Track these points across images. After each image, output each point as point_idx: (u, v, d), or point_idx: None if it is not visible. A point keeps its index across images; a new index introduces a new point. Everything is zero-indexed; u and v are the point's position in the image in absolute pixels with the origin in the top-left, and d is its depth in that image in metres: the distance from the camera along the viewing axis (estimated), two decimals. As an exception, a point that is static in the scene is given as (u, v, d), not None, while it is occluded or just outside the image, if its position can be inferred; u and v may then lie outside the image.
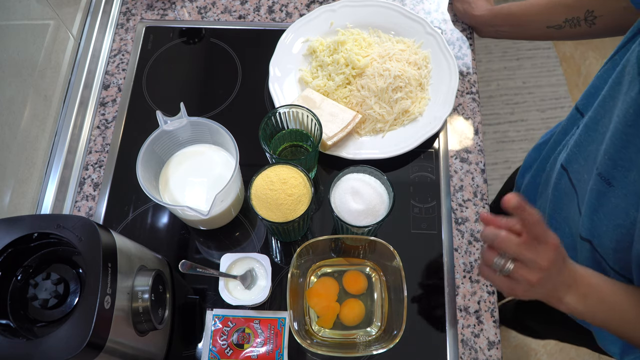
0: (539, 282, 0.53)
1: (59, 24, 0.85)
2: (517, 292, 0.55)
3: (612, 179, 0.55)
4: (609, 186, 0.56)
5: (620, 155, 0.53)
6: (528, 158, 0.88)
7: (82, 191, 0.81)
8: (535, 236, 0.52)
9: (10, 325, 0.49)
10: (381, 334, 0.68)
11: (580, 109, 0.67)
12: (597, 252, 0.62)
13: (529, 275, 0.53)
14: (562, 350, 1.60)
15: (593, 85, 0.64)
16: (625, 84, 0.53)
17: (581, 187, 0.63)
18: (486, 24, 0.89)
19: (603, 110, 0.58)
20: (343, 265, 0.73)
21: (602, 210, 0.58)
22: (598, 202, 0.58)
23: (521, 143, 1.89)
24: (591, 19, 0.74)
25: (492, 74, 2.03)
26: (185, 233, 0.78)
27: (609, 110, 0.57)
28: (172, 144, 0.73)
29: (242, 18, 0.96)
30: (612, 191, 0.56)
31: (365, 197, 0.67)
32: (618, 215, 0.56)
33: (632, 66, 0.51)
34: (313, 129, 0.75)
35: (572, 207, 0.66)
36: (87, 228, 0.50)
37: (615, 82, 0.55)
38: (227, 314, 0.71)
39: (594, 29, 0.75)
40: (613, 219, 0.57)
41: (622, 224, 0.55)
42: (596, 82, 0.63)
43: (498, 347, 0.71)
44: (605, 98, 0.57)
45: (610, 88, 0.56)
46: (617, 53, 0.59)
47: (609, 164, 0.55)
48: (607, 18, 0.73)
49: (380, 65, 0.82)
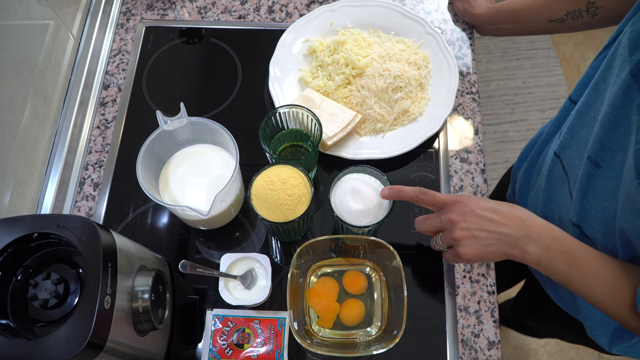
0: (465, 237, 0.60)
1: (59, 24, 0.85)
2: (462, 254, 0.61)
3: (601, 160, 0.56)
4: (597, 168, 0.56)
5: (609, 137, 0.54)
6: (522, 152, 0.89)
7: (82, 191, 0.81)
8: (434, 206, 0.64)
9: (10, 325, 0.49)
10: (381, 334, 0.68)
11: (573, 98, 0.67)
12: (586, 237, 0.62)
13: (453, 234, 0.61)
14: (562, 351, 1.60)
15: (586, 74, 0.64)
16: (616, 67, 0.53)
17: (573, 173, 0.63)
18: (487, 22, 0.88)
19: (595, 94, 0.58)
20: (343, 265, 0.73)
21: (591, 193, 0.59)
22: (587, 185, 0.59)
23: (521, 143, 1.89)
24: (593, 9, 0.74)
25: (492, 74, 2.04)
26: (185, 233, 0.78)
27: (600, 93, 0.57)
28: (172, 144, 0.73)
29: (242, 18, 0.96)
30: (600, 173, 0.56)
31: (365, 197, 0.67)
32: (605, 197, 0.56)
33: (624, 48, 0.51)
34: (313, 129, 0.75)
35: (563, 194, 0.67)
36: (87, 228, 0.50)
37: (607, 66, 0.55)
38: (227, 314, 0.71)
39: (597, 19, 0.74)
40: (601, 201, 0.57)
41: (609, 206, 0.56)
42: (589, 71, 0.63)
43: (498, 347, 0.71)
44: (598, 82, 0.57)
45: (602, 71, 0.56)
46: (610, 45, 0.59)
47: (597, 147, 0.55)
48: (608, 9, 0.72)
49: (380, 65, 0.82)
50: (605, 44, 0.60)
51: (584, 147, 0.60)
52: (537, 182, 0.77)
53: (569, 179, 0.65)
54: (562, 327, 0.92)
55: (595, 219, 0.59)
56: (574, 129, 0.63)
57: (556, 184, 0.69)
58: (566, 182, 0.66)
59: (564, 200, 0.67)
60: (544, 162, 0.74)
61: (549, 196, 0.71)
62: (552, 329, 1.04)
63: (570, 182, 0.64)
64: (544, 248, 0.57)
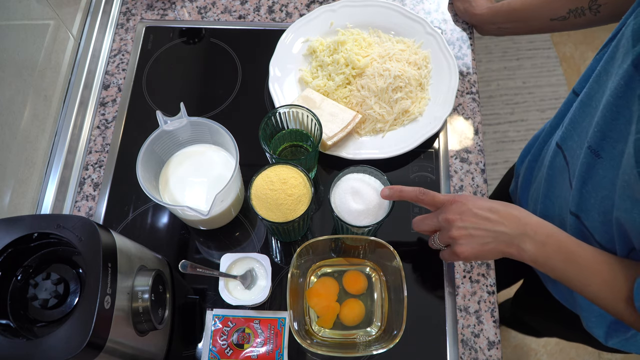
0: (462, 236, 0.60)
1: (59, 24, 0.85)
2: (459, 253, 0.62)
3: (601, 150, 0.56)
4: (597, 158, 0.57)
5: (610, 127, 0.54)
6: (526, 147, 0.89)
7: (82, 191, 0.81)
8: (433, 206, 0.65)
9: (10, 325, 0.49)
10: (381, 334, 0.68)
11: (576, 91, 0.68)
12: (584, 227, 0.63)
13: (450, 233, 0.61)
14: (562, 351, 1.60)
15: (589, 67, 0.64)
16: (618, 58, 0.54)
17: (573, 163, 0.64)
18: (487, 21, 0.88)
19: (597, 85, 0.58)
20: (343, 265, 0.73)
21: (590, 182, 0.59)
22: (587, 175, 0.59)
23: (521, 143, 1.89)
24: (595, 7, 0.73)
25: (492, 74, 2.04)
26: (185, 233, 0.78)
27: (602, 85, 0.57)
28: (172, 144, 0.73)
29: (242, 18, 0.96)
30: (600, 163, 0.57)
31: (365, 197, 0.67)
32: (605, 186, 0.57)
33: (627, 39, 0.52)
34: (313, 129, 0.75)
35: (564, 185, 0.67)
36: (87, 228, 0.50)
37: (609, 58, 0.56)
38: (227, 314, 0.71)
39: (599, 17, 0.74)
40: (600, 191, 0.58)
41: (608, 195, 0.56)
42: (593, 64, 0.63)
43: (498, 347, 0.71)
44: (600, 73, 0.58)
45: (605, 63, 0.57)
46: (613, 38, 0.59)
47: (598, 136, 0.56)
48: (611, 6, 0.72)
49: (380, 65, 0.82)
50: (609, 37, 0.60)
51: (585, 137, 0.60)
52: (539, 174, 0.77)
53: (570, 168, 0.65)
54: (560, 323, 0.92)
55: (594, 209, 0.60)
56: (576, 120, 0.63)
57: (557, 176, 0.69)
58: (567, 172, 0.66)
59: (564, 190, 0.67)
60: (546, 154, 0.75)
61: (549, 187, 0.72)
62: (551, 326, 1.04)
63: (571, 172, 0.65)
64: (540, 245, 0.57)
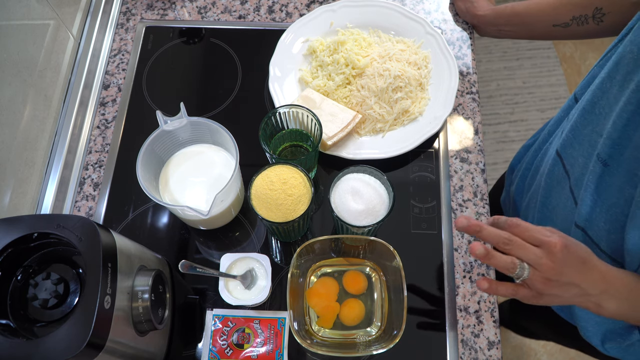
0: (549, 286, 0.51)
1: (59, 24, 0.85)
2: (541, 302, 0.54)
3: (609, 158, 0.56)
4: (605, 166, 0.56)
5: (620, 134, 0.54)
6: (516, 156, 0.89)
7: (82, 191, 0.81)
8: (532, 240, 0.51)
9: (10, 325, 0.49)
10: (381, 334, 0.68)
11: (578, 96, 0.67)
12: (589, 238, 0.62)
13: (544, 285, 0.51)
14: (562, 350, 1.60)
15: (592, 74, 0.64)
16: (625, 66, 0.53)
17: (574, 171, 0.63)
18: (489, 23, 0.88)
19: (601, 92, 0.58)
20: (343, 265, 0.73)
21: (597, 191, 0.59)
22: (595, 184, 0.59)
23: (521, 143, 1.89)
24: (599, 16, 0.73)
25: (492, 74, 2.04)
26: (185, 233, 0.78)
27: (606, 91, 0.56)
28: (172, 144, 0.73)
29: (242, 18, 0.96)
30: (607, 170, 0.56)
31: (365, 197, 0.67)
32: (612, 194, 0.56)
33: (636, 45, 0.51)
34: (313, 129, 0.75)
35: (563, 194, 0.67)
36: (87, 228, 0.50)
37: (614, 64, 0.55)
38: (227, 314, 0.71)
39: (602, 26, 0.74)
40: (608, 199, 0.57)
41: (616, 203, 0.56)
42: (595, 70, 0.63)
43: (498, 347, 0.71)
44: (604, 80, 0.57)
45: (609, 70, 0.56)
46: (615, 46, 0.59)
47: (608, 144, 0.55)
48: (615, 15, 0.72)
49: (380, 65, 0.82)
50: (613, 43, 0.60)
51: (587, 145, 0.60)
52: (534, 183, 0.76)
53: (570, 177, 0.65)
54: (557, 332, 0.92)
55: (601, 217, 0.59)
56: (577, 127, 0.62)
57: (555, 185, 0.69)
58: (566, 181, 0.65)
59: (563, 199, 0.67)
60: (542, 162, 0.74)
61: (547, 196, 0.71)
62: (547, 331, 1.04)
63: (571, 181, 0.64)
64: (623, 301, 0.54)
